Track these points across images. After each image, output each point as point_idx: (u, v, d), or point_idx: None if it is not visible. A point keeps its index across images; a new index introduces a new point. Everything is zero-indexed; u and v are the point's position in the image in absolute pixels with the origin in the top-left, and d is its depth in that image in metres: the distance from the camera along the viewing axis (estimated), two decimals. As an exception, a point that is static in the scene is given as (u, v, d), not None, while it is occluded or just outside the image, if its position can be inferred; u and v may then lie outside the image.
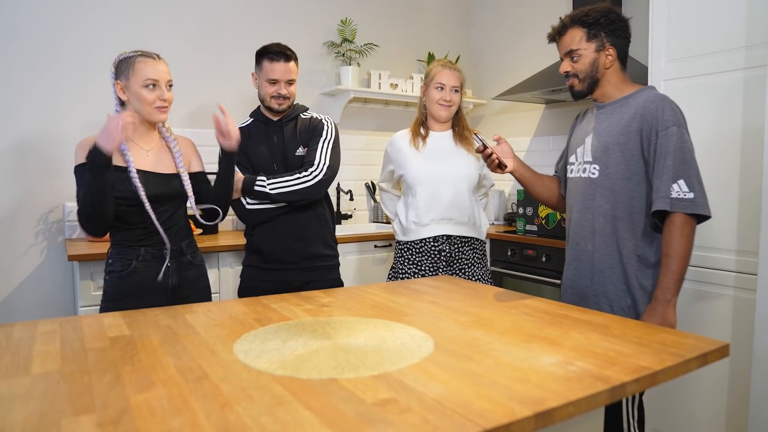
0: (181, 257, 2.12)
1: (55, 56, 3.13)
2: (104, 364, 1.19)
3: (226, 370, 1.15)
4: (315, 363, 1.19)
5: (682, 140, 1.81)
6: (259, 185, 2.31)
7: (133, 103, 2.02)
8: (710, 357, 1.28)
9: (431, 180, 2.54)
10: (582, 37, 1.98)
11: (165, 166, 2.11)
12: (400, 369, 1.15)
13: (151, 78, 1.99)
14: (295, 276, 2.44)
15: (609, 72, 1.98)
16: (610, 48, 1.96)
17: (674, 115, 1.83)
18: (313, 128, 2.48)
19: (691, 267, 2.52)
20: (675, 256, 1.80)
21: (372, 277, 3.51)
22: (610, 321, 1.53)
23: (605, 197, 1.95)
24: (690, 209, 1.78)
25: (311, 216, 2.45)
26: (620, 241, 1.93)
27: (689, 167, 1.81)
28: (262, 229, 2.42)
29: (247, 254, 2.52)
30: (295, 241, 2.42)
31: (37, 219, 3.10)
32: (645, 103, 1.89)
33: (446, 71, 2.57)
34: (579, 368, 1.15)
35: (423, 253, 2.55)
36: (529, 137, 4.30)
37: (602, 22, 1.95)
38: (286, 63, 2.39)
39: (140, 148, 2.07)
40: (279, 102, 2.40)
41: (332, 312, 1.65)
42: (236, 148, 2.18)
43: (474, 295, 1.89)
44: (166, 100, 2.04)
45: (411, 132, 2.66)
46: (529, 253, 3.46)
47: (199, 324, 1.52)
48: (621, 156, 1.92)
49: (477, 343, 1.33)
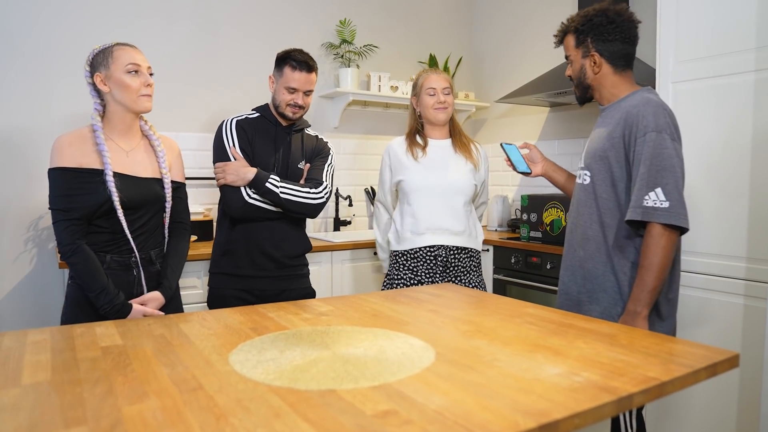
0: (150, 267, 2.09)
1: (46, 57, 3.14)
2: (96, 375, 1.19)
3: (222, 381, 1.15)
4: (313, 373, 1.19)
5: (661, 146, 1.79)
6: (271, 183, 2.30)
7: (115, 94, 1.98)
8: (719, 367, 1.28)
9: (429, 189, 2.58)
10: (572, 43, 2.03)
11: (145, 168, 2.07)
12: (401, 380, 1.15)
13: (134, 62, 1.98)
14: (268, 284, 2.43)
15: (599, 77, 2.00)
16: (594, 54, 1.97)
17: (655, 119, 1.82)
18: (320, 149, 2.54)
19: (698, 275, 2.53)
20: (649, 267, 1.79)
21: (371, 285, 3.51)
22: (616, 330, 1.53)
23: (595, 204, 1.97)
24: (664, 219, 1.76)
25: (293, 228, 2.47)
26: (612, 248, 1.94)
27: (667, 175, 1.78)
28: (243, 229, 2.40)
29: (216, 259, 2.46)
30: (273, 248, 2.42)
31: (27, 225, 3.10)
32: (629, 108, 1.90)
33: (434, 75, 2.63)
34: (584, 379, 1.15)
35: (419, 259, 2.58)
36: (534, 141, 4.30)
37: (586, 27, 1.98)
38: (309, 74, 2.41)
39: (120, 148, 2.03)
40: (294, 111, 2.42)
41: (331, 321, 1.66)
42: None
43: (476, 303, 1.89)
44: (150, 85, 2.01)
45: (407, 141, 2.68)
46: (533, 260, 3.46)
47: (193, 333, 1.52)
48: (606, 163, 1.94)
49: (479, 353, 1.33)
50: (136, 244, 2.03)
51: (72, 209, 1.90)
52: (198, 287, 2.94)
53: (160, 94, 3.39)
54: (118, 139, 2.03)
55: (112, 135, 2.03)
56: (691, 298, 2.55)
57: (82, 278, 1.91)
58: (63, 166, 1.92)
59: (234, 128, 2.41)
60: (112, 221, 1.97)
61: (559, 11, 4.04)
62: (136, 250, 2.02)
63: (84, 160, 1.94)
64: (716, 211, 2.48)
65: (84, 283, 1.91)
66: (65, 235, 1.91)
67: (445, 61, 4.55)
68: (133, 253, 2.02)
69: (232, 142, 2.38)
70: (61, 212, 1.91)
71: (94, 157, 1.95)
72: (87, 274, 1.90)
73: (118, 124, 2.03)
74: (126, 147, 2.05)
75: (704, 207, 2.51)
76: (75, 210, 1.91)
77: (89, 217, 1.93)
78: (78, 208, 1.91)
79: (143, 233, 2.06)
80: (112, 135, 2.03)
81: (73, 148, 1.94)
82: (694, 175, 2.52)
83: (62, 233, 1.91)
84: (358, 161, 4.26)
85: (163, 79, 3.44)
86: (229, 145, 2.37)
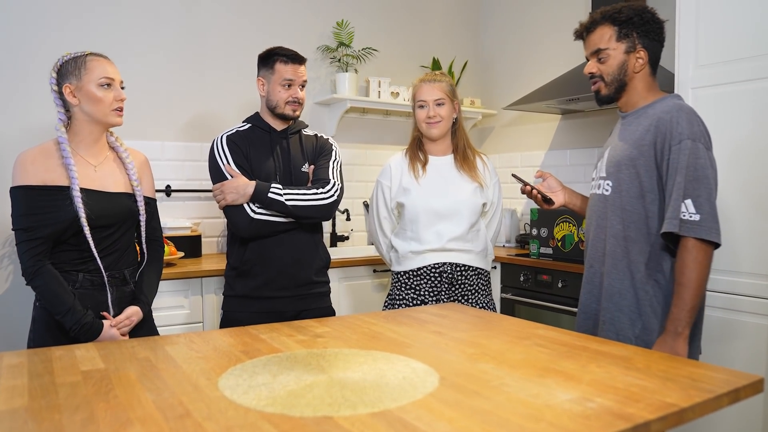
0: (124, 286, 2.10)
1: (26, 64, 3.16)
2: (76, 401, 1.20)
3: (211, 408, 1.16)
4: (308, 399, 1.20)
5: (696, 155, 1.81)
6: (273, 193, 2.30)
7: (85, 107, 1.99)
8: (743, 393, 1.29)
9: (432, 212, 2.54)
10: (612, 36, 1.99)
11: (116, 182, 2.08)
12: (402, 406, 1.16)
13: (108, 76, 2.00)
14: (287, 305, 2.43)
15: (637, 77, 2.00)
16: (641, 50, 1.97)
17: (690, 127, 1.84)
18: (321, 147, 2.54)
19: (721, 294, 2.53)
20: (687, 284, 1.79)
21: (371, 305, 3.51)
22: (632, 353, 1.53)
23: (617, 216, 1.97)
24: (694, 233, 1.77)
25: (309, 239, 2.47)
26: (633, 264, 1.94)
27: (700, 186, 1.80)
28: (256, 247, 2.39)
29: (230, 281, 2.47)
30: (291, 266, 2.41)
31: (2, 242, 3.11)
32: (661, 114, 1.90)
33: (424, 86, 2.58)
34: (598, 405, 1.16)
35: (422, 277, 2.56)
36: (544, 151, 4.32)
37: (636, 21, 1.96)
38: (301, 65, 2.44)
39: (87, 162, 2.04)
40: (294, 108, 2.44)
41: (327, 343, 1.66)
42: None
43: (483, 324, 1.90)
44: (123, 100, 2.03)
45: (408, 156, 2.66)
46: (543, 278, 3.47)
47: (180, 356, 1.53)
48: (634, 172, 1.93)
49: (486, 378, 1.34)
50: (109, 262, 2.04)
51: (35, 228, 1.92)
52: (185, 307, 2.94)
53: (143, 102, 3.42)
54: (84, 152, 2.05)
55: (79, 149, 2.04)
56: (713, 318, 2.55)
57: (47, 300, 1.93)
58: (26, 184, 1.93)
59: (225, 144, 2.41)
60: (81, 239, 1.98)
61: (571, 12, 4.06)
62: (109, 268, 2.04)
63: (49, 176, 1.95)
64: (741, 225, 2.48)
65: (49, 305, 1.93)
66: (26, 258, 1.92)
67: (449, 65, 4.56)
68: (106, 272, 2.03)
69: (225, 160, 2.38)
70: (24, 232, 1.92)
71: (60, 172, 1.96)
72: (51, 295, 1.92)
73: (85, 137, 2.04)
74: (94, 161, 2.06)
75: (727, 222, 2.52)
76: (39, 229, 1.92)
77: (56, 236, 1.94)
78: (42, 227, 1.92)
79: (116, 251, 2.07)
80: (78, 149, 2.04)
81: (37, 165, 1.95)
82: (716, 187, 2.52)
83: (24, 255, 1.92)
84: (357, 172, 4.26)
85: (148, 85, 3.46)
86: (223, 163, 2.38)
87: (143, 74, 3.43)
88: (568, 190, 2.29)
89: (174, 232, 3.34)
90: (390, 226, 2.70)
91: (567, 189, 2.30)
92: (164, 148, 3.51)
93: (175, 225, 3.37)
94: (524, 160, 4.42)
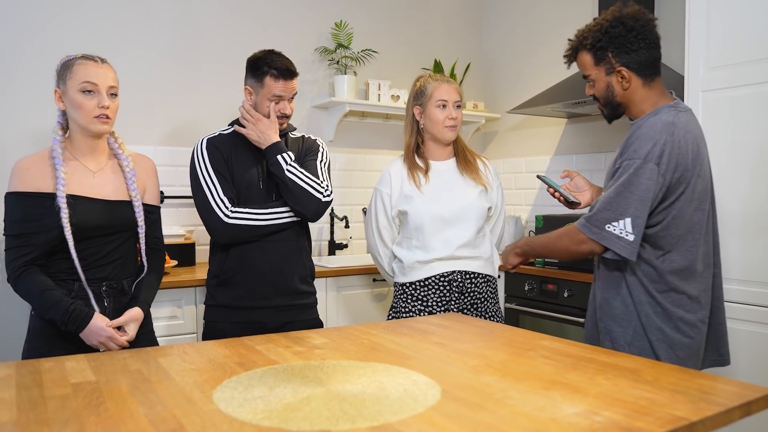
0: (122, 297, 2.10)
1: (13, 66, 3.16)
2: (66, 415, 1.20)
3: (205, 421, 1.16)
4: (306, 412, 1.20)
5: (638, 175, 1.83)
6: (283, 158, 2.32)
7: (70, 113, 2.01)
8: (754, 406, 1.29)
9: (438, 218, 2.53)
10: (590, 61, 2.01)
11: (113, 190, 2.08)
12: (403, 420, 1.16)
13: (90, 81, 1.97)
14: (269, 316, 2.40)
15: (628, 94, 1.98)
16: (620, 68, 1.95)
17: (651, 147, 1.83)
18: (308, 147, 2.52)
19: (730, 303, 2.52)
20: (553, 243, 2.06)
21: (371, 315, 3.51)
22: (640, 365, 1.54)
23: None
24: (579, 222, 1.92)
25: (294, 246, 2.45)
26: (616, 272, 1.99)
27: (622, 200, 1.84)
28: (237, 254, 2.37)
29: (211, 290, 2.45)
30: (274, 274, 2.39)
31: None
32: (637, 131, 1.91)
33: (445, 86, 2.57)
34: (605, 419, 1.16)
35: (430, 287, 2.54)
36: (549, 156, 4.33)
37: (605, 41, 1.95)
38: (292, 80, 2.40)
39: (86, 168, 2.05)
40: (281, 122, 2.43)
41: (325, 354, 1.66)
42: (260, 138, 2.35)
43: (486, 335, 1.90)
44: (106, 107, 1.99)
45: (406, 164, 2.62)
46: (548, 287, 3.47)
47: (173, 368, 1.53)
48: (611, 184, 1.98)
49: (490, 390, 1.34)
50: (108, 272, 2.05)
51: (25, 235, 1.94)
52: (179, 317, 2.94)
53: (135, 107, 3.41)
54: (84, 158, 2.06)
55: (77, 154, 2.05)
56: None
57: (34, 300, 1.94)
58: (19, 190, 1.96)
59: (205, 148, 2.40)
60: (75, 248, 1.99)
61: (577, 13, 4.07)
62: (107, 278, 2.05)
63: (42, 184, 1.97)
64: (743, 233, 2.48)
65: (37, 304, 1.94)
66: (13, 264, 1.94)
67: (451, 67, 4.57)
68: (103, 282, 2.05)
69: (204, 164, 2.37)
70: (14, 239, 1.94)
71: (49, 178, 1.98)
72: (37, 293, 1.92)
73: (81, 143, 2.06)
74: (93, 167, 2.07)
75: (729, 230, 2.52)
76: (29, 236, 1.94)
77: (48, 244, 1.96)
78: (32, 234, 1.94)
79: (115, 260, 2.08)
80: (76, 154, 2.05)
81: (31, 172, 1.97)
82: (721, 194, 2.53)
83: (11, 262, 1.94)
84: (356, 178, 4.27)
85: (139, 90, 3.46)
86: (201, 168, 2.36)
87: (136, 78, 3.43)
88: (596, 189, 2.29)
89: (167, 240, 3.33)
90: (390, 236, 2.67)
91: (595, 187, 2.30)
92: (157, 153, 3.51)
93: (169, 233, 3.36)
94: (529, 165, 4.43)
